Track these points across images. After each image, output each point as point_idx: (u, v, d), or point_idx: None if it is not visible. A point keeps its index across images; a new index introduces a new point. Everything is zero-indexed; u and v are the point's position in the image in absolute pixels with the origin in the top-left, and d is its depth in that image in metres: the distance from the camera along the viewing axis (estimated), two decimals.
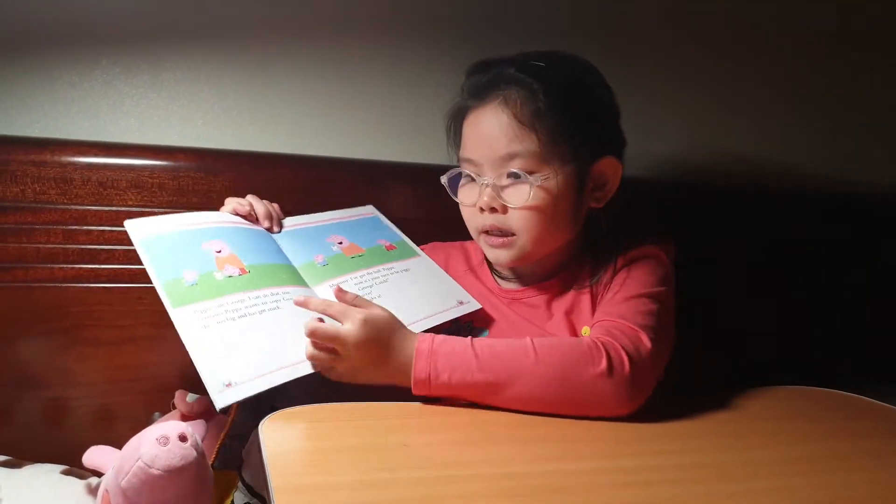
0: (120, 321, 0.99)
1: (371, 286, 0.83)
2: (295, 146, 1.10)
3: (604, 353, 0.72)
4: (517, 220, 0.84)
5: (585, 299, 0.88)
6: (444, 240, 1.02)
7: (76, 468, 0.87)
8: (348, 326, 0.71)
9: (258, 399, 0.78)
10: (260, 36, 1.08)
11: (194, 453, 0.70)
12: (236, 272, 0.75)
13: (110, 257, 0.99)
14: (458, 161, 0.90)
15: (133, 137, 1.04)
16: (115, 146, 1.00)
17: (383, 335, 0.72)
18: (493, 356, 0.71)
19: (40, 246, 0.96)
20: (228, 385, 0.63)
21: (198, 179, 1.01)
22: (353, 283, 0.83)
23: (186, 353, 1.01)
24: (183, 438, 0.70)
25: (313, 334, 0.70)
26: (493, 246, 0.87)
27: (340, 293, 0.76)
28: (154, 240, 0.75)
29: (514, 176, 0.82)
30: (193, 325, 0.66)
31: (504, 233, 0.85)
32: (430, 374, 0.71)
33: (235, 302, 0.71)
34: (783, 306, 1.32)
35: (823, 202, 1.36)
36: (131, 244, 0.99)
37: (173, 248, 0.76)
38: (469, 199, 0.87)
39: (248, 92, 1.08)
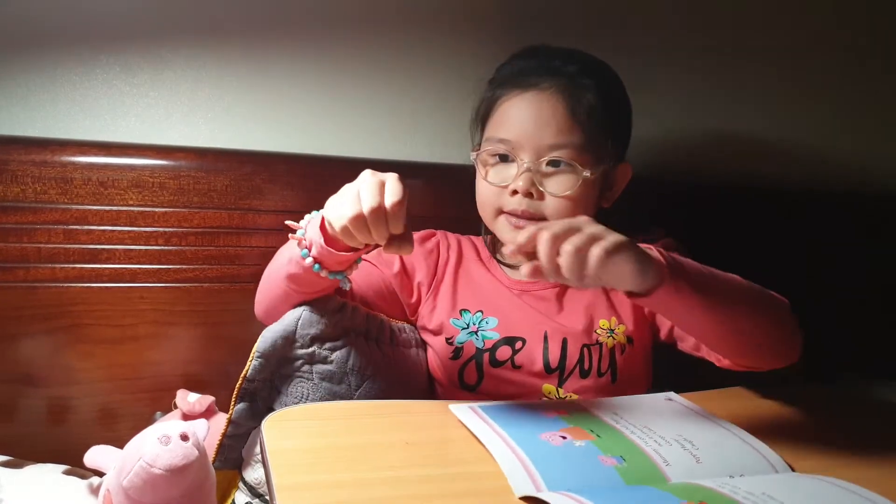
0: (121, 320, 0.99)
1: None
2: (296, 145, 1.10)
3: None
4: (551, 207, 0.85)
5: (602, 295, 0.90)
6: None
7: (78, 468, 0.87)
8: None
9: (254, 398, 0.78)
10: (261, 35, 1.07)
11: (196, 452, 0.70)
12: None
13: (111, 257, 0.98)
14: (483, 139, 0.90)
15: (133, 137, 1.04)
16: (116, 146, 1.00)
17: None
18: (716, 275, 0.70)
19: (41, 245, 0.96)
20: None
21: (199, 179, 1.01)
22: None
23: (187, 351, 1.02)
24: (185, 438, 0.70)
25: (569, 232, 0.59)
26: (517, 227, 0.86)
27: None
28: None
29: (555, 164, 0.85)
30: None
31: (534, 217, 0.85)
32: (669, 263, 0.64)
33: None
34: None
35: (825, 202, 1.36)
36: (132, 244, 1.01)
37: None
38: (499, 180, 0.87)
39: (249, 91, 1.08)
